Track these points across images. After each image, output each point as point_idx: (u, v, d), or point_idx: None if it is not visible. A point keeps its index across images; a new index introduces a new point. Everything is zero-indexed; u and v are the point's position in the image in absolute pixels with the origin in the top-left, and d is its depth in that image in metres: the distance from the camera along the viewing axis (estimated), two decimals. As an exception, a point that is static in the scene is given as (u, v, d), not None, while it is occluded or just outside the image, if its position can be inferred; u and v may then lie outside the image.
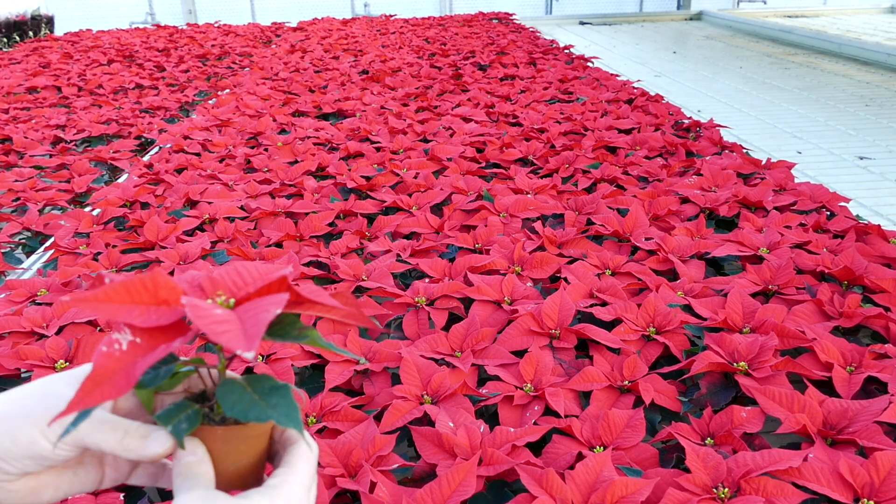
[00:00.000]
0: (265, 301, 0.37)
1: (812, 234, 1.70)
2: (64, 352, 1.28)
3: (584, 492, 0.93)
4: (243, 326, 0.35)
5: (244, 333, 0.34)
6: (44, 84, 3.97)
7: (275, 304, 0.36)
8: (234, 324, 0.35)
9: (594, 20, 8.19)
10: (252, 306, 0.37)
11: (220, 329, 0.34)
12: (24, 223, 1.98)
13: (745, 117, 3.63)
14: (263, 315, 0.35)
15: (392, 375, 1.24)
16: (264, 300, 0.37)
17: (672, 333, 1.31)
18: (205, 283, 0.39)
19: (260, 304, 0.37)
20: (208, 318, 0.35)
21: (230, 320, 0.36)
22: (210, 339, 0.34)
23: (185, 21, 8.49)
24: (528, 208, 1.89)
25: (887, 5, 8.45)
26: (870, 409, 1.05)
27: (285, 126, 2.94)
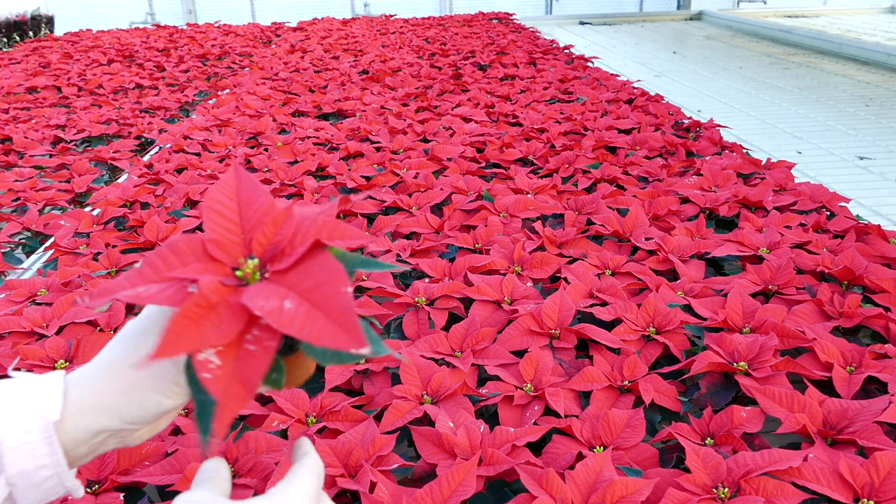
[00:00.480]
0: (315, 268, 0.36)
1: (812, 234, 1.70)
2: (64, 352, 1.28)
3: (584, 492, 0.93)
4: (330, 317, 0.34)
5: (342, 329, 0.34)
6: (44, 84, 3.97)
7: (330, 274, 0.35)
8: (318, 318, 0.34)
9: (594, 20, 8.19)
10: (303, 279, 0.36)
11: (313, 331, 0.34)
12: (24, 223, 1.98)
13: (745, 117, 3.63)
14: (337, 299, 0.35)
15: (392, 375, 1.24)
16: (312, 266, 0.36)
17: (672, 333, 1.31)
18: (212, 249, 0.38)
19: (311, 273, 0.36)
20: (289, 322, 0.34)
21: (306, 313, 0.35)
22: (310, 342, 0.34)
23: (185, 21, 8.49)
24: (528, 208, 1.89)
25: (887, 5, 8.45)
26: (870, 409, 1.05)
27: (285, 126, 2.94)
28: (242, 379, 0.35)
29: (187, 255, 0.38)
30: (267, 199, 0.40)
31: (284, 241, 0.38)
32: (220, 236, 0.39)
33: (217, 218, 0.39)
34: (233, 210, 0.40)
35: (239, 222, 0.40)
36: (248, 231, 0.39)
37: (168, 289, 0.36)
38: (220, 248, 0.38)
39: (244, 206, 0.40)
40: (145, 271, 0.37)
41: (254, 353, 0.36)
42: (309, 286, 0.36)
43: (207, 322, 0.35)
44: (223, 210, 0.40)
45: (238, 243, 0.39)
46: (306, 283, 0.36)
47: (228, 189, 0.41)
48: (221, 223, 0.39)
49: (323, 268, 0.36)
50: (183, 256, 0.37)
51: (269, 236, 0.39)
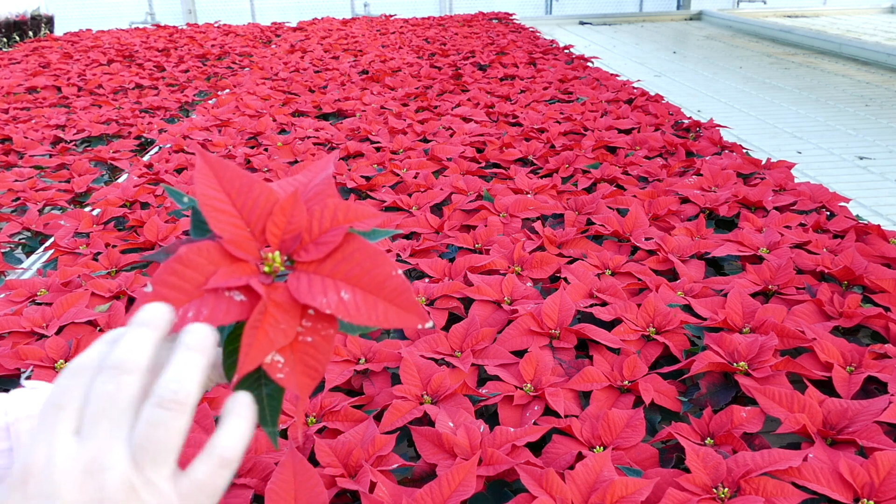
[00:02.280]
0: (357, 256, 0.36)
1: (812, 234, 1.70)
2: (64, 352, 1.28)
3: (584, 492, 0.93)
4: (391, 301, 0.35)
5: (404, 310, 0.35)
6: (44, 84, 3.97)
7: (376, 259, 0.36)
8: (377, 304, 0.35)
9: (594, 20, 8.19)
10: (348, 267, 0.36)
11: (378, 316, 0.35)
12: (24, 223, 1.98)
13: (745, 117, 3.63)
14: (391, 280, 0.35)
15: (392, 375, 1.24)
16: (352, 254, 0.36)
17: (672, 333, 1.31)
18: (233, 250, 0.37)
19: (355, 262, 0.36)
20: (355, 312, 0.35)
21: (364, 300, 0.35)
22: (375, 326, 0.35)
23: (184, 21, 8.49)
24: (528, 208, 1.89)
25: (887, 5, 8.45)
26: (870, 409, 1.05)
27: (285, 126, 2.94)
28: (306, 369, 0.36)
29: (204, 265, 0.36)
30: (261, 186, 0.39)
31: (299, 227, 0.38)
32: (233, 235, 0.37)
33: (219, 215, 0.38)
34: (226, 202, 0.38)
35: (238, 214, 0.38)
36: (253, 222, 0.38)
37: (216, 305, 0.35)
38: (239, 247, 0.37)
39: (234, 196, 0.39)
40: (165, 293, 0.35)
41: (314, 344, 0.36)
42: (357, 273, 0.36)
43: (268, 326, 0.35)
44: (218, 205, 0.38)
45: (249, 238, 0.38)
46: (353, 270, 0.36)
47: (209, 180, 0.39)
48: (225, 219, 0.38)
49: (365, 254, 0.36)
50: (200, 267, 0.36)
51: (281, 226, 0.38)
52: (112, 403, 0.33)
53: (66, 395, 0.33)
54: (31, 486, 0.31)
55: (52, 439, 0.32)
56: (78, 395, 0.33)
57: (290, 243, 0.38)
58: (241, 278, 0.36)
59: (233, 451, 0.34)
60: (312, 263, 0.37)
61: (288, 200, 0.38)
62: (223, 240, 0.37)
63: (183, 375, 0.33)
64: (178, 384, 0.33)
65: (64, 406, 0.33)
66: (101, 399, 0.33)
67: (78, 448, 0.32)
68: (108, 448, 0.32)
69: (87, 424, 0.32)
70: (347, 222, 0.38)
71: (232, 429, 0.35)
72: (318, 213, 0.38)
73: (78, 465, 0.32)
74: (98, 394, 0.33)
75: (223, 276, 0.36)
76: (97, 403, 0.33)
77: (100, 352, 0.34)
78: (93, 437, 0.32)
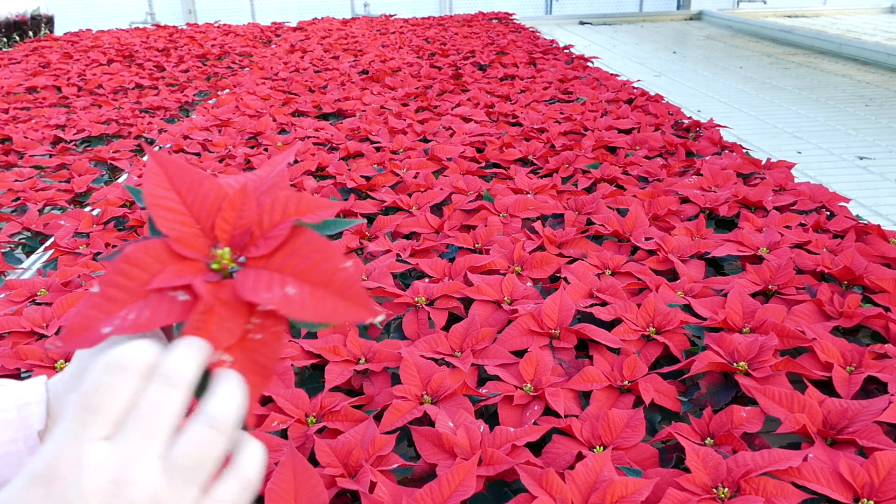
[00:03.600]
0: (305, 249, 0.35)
1: (812, 234, 1.70)
2: (64, 352, 1.28)
3: (584, 492, 0.93)
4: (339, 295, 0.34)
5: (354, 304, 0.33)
6: (44, 84, 3.97)
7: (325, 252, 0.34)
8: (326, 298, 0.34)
9: (594, 20, 8.19)
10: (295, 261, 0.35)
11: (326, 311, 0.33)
12: (24, 223, 1.98)
13: (745, 117, 3.63)
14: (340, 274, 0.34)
15: (392, 375, 1.24)
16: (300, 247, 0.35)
17: (672, 333, 1.31)
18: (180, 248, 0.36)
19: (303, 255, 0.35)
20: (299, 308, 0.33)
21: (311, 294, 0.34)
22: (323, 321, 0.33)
23: (184, 21, 8.49)
24: (527, 208, 1.89)
25: (887, 5, 8.45)
26: (870, 409, 1.05)
27: (285, 126, 2.94)
28: (256, 367, 0.35)
29: (151, 264, 0.35)
30: (210, 181, 0.38)
31: (250, 222, 0.37)
32: (179, 232, 0.36)
33: (167, 214, 0.37)
34: (175, 201, 0.37)
35: (187, 212, 0.37)
36: (203, 219, 0.37)
37: (158, 306, 0.34)
38: (186, 245, 0.36)
39: (185, 194, 0.37)
40: (112, 293, 0.34)
41: (263, 341, 0.35)
42: (305, 267, 0.35)
43: (213, 326, 0.34)
44: (166, 203, 0.37)
45: (198, 235, 0.37)
46: (301, 264, 0.35)
47: (159, 179, 0.38)
48: (172, 218, 0.37)
49: (313, 247, 0.35)
50: (146, 266, 0.35)
51: (231, 221, 0.37)
52: (157, 416, 0.32)
53: (104, 395, 0.32)
54: (55, 488, 0.30)
55: (82, 441, 0.31)
56: (118, 398, 0.32)
57: (241, 239, 0.37)
58: (184, 277, 0.35)
59: (256, 474, 0.34)
60: (262, 258, 0.36)
61: (237, 195, 0.37)
62: (169, 238, 0.36)
63: (232, 398, 0.33)
64: (227, 406, 0.33)
65: (101, 408, 0.31)
66: (146, 409, 0.32)
67: (109, 455, 0.31)
68: (140, 461, 0.31)
69: (124, 432, 0.31)
70: (298, 214, 0.36)
71: (253, 452, 0.35)
72: (268, 206, 0.37)
73: (107, 474, 0.31)
74: (145, 403, 0.32)
75: (167, 276, 0.35)
76: (141, 413, 0.32)
77: (142, 353, 0.33)
78: (126, 446, 0.31)
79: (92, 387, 0.32)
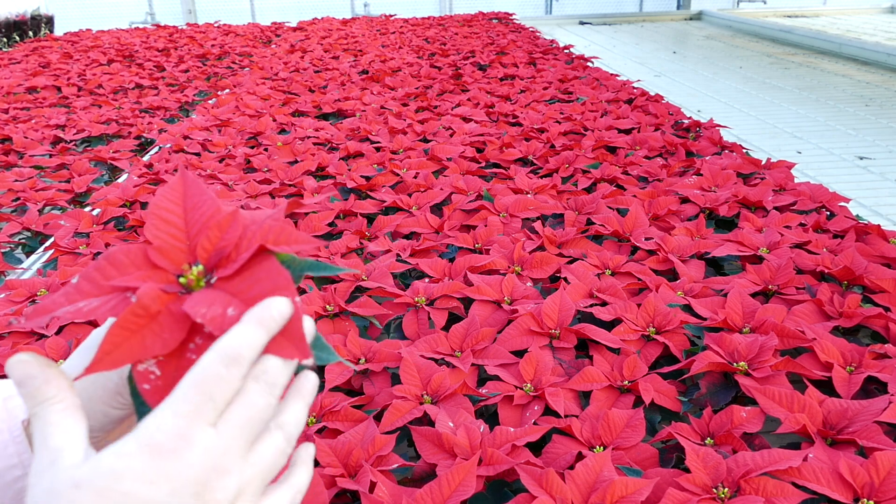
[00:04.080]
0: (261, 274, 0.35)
1: (812, 234, 1.70)
2: (64, 352, 1.28)
3: (584, 492, 0.93)
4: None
5: (287, 340, 0.34)
6: (44, 84, 3.97)
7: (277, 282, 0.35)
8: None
9: (594, 20, 8.19)
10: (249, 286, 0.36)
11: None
12: (24, 223, 1.98)
13: (745, 117, 3.63)
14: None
15: (392, 375, 1.24)
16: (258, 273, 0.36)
17: (672, 333, 1.31)
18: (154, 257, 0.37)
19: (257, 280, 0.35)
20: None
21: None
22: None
23: (184, 21, 8.49)
24: (528, 208, 1.89)
25: (887, 5, 8.45)
26: (870, 409, 1.05)
27: (285, 126, 2.94)
28: None
29: (127, 266, 0.36)
30: (212, 203, 0.39)
31: (230, 246, 0.37)
32: (163, 242, 0.37)
33: (161, 224, 0.38)
34: (178, 216, 0.39)
35: (184, 228, 0.38)
36: (192, 237, 0.38)
37: (110, 301, 0.35)
38: (162, 254, 0.37)
39: (190, 211, 0.39)
40: (82, 285, 0.36)
41: (202, 348, 0.35)
42: (254, 294, 0.35)
43: (148, 332, 0.34)
44: (168, 216, 0.38)
45: (182, 250, 0.38)
46: (252, 290, 0.35)
47: (175, 194, 0.39)
48: (165, 229, 0.38)
49: (269, 275, 0.36)
50: (122, 267, 0.36)
51: (213, 241, 0.37)
52: (257, 418, 0.34)
53: (219, 385, 0.33)
54: (171, 463, 0.32)
55: (197, 424, 0.33)
56: (230, 389, 0.34)
57: (216, 260, 0.37)
58: (143, 282, 0.35)
59: (302, 494, 0.38)
60: (225, 280, 0.36)
61: (226, 217, 0.38)
62: (150, 246, 0.37)
63: (300, 421, 0.37)
64: (297, 428, 0.37)
65: (215, 398, 0.33)
66: (250, 410, 0.34)
67: (214, 442, 0.33)
68: (234, 456, 0.34)
69: (228, 425, 0.34)
70: (274, 244, 0.37)
71: (304, 474, 0.39)
72: (250, 233, 0.37)
73: (211, 459, 0.33)
74: (250, 404, 0.34)
75: (130, 277, 0.36)
76: (246, 411, 0.34)
77: (252, 344, 0.34)
78: (228, 439, 0.33)
79: (209, 375, 0.33)
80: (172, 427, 0.32)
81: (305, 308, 1.37)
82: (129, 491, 0.31)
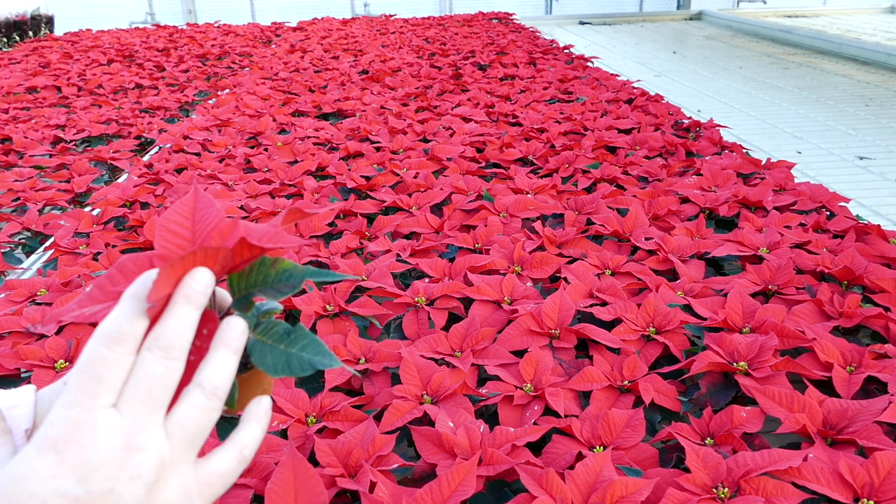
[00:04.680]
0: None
1: (812, 234, 1.70)
2: (64, 352, 1.28)
3: (584, 492, 0.93)
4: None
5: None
6: (44, 84, 3.97)
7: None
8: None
9: (594, 20, 8.19)
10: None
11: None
12: (24, 223, 1.98)
13: (745, 117, 3.63)
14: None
15: (392, 375, 1.24)
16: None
17: (672, 333, 1.31)
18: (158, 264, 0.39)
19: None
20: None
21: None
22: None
23: (184, 21, 8.49)
24: (528, 208, 1.89)
25: (887, 5, 8.45)
26: (870, 409, 1.05)
27: (285, 126, 2.94)
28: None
29: (135, 273, 0.38)
30: (218, 213, 0.41)
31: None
32: (168, 252, 0.39)
33: (169, 236, 0.40)
34: (186, 228, 0.41)
35: (191, 239, 0.40)
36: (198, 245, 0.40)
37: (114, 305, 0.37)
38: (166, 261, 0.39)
39: (198, 222, 0.41)
40: (94, 294, 0.38)
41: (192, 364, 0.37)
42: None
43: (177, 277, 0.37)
44: (176, 228, 0.40)
45: None
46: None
47: (185, 209, 0.42)
48: (172, 240, 0.40)
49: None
50: (130, 274, 0.38)
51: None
52: (158, 386, 0.34)
53: (104, 366, 0.33)
54: (71, 453, 0.32)
55: (92, 409, 0.32)
56: (118, 368, 0.33)
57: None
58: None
59: (251, 450, 0.38)
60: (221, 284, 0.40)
61: (228, 225, 0.40)
62: (155, 254, 0.39)
63: (224, 372, 0.36)
64: (219, 380, 0.36)
65: (103, 379, 0.33)
66: (148, 380, 0.34)
67: (119, 422, 0.33)
68: (146, 428, 0.33)
69: (128, 401, 0.33)
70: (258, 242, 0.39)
71: (252, 430, 0.38)
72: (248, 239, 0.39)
73: (119, 439, 0.32)
74: (146, 374, 0.34)
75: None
76: (143, 383, 0.34)
77: (132, 317, 0.34)
78: (133, 415, 0.33)
79: (93, 359, 0.33)
80: (65, 418, 0.32)
81: (306, 308, 1.37)
82: (33, 491, 0.31)
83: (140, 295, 0.35)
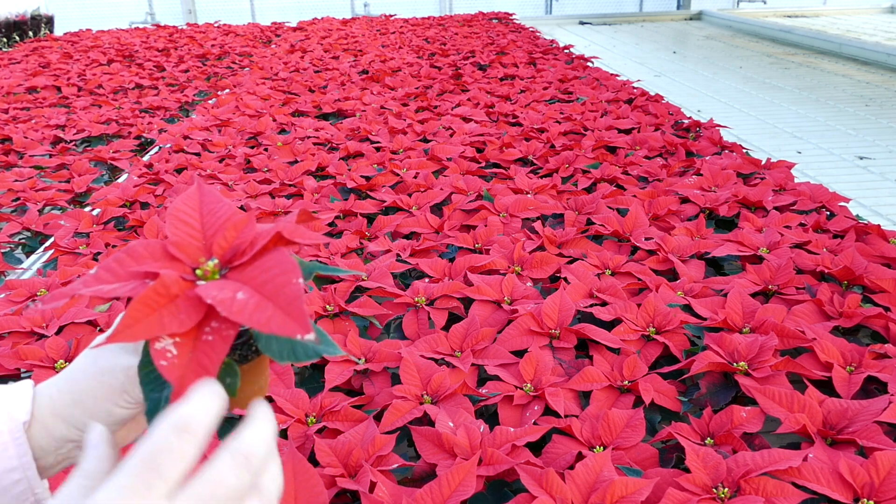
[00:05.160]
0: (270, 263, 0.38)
1: (812, 234, 1.70)
2: (64, 352, 1.28)
3: (584, 492, 0.93)
4: (279, 306, 0.35)
5: (289, 317, 0.35)
6: (44, 84, 3.97)
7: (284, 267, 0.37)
8: (268, 307, 0.36)
9: (594, 20, 8.19)
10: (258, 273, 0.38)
11: (262, 318, 0.35)
12: (24, 223, 1.98)
13: (745, 117, 3.63)
14: (289, 288, 0.36)
15: (392, 375, 1.24)
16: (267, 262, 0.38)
17: (672, 333, 1.31)
18: (173, 250, 0.39)
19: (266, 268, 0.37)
20: (239, 310, 0.35)
21: (257, 303, 0.36)
22: (259, 329, 0.35)
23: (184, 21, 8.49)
24: (527, 208, 1.89)
25: (887, 5, 8.45)
26: (869, 408, 1.05)
27: (285, 126, 2.94)
28: (198, 368, 0.36)
29: (146, 257, 0.38)
30: (229, 207, 0.42)
31: (245, 243, 0.40)
32: (180, 239, 0.40)
33: (179, 224, 0.41)
34: (195, 219, 0.42)
35: (200, 229, 0.41)
36: (209, 237, 0.41)
37: (129, 284, 0.37)
38: (179, 248, 0.39)
39: (206, 215, 0.42)
40: (101, 275, 0.38)
41: (211, 343, 0.37)
42: (263, 280, 0.37)
43: (166, 311, 0.36)
44: (185, 218, 0.41)
45: (198, 246, 0.40)
46: (261, 277, 0.37)
47: (192, 201, 0.43)
48: (183, 229, 0.41)
49: (277, 263, 0.38)
50: (141, 258, 0.38)
51: (229, 240, 0.40)
52: (225, 495, 0.32)
53: (171, 458, 0.31)
54: None
55: (146, 501, 0.31)
56: (184, 461, 0.32)
57: (230, 255, 0.40)
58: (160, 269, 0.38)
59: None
60: (236, 269, 0.39)
61: (242, 218, 0.40)
62: (168, 240, 0.39)
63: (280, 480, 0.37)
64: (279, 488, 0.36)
65: (168, 470, 0.31)
66: (216, 485, 0.32)
67: None
68: None
69: (186, 498, 0.32)
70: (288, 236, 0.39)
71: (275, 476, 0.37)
72: (263, 233, 0.40)
73: None
74: (219, 480, 0.32)
75: (151, 265, 0.38)
76: (209, 488, 0.32)
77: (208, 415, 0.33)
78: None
79: (158, 447, 0.32)
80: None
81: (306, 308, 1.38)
82: None
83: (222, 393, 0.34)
